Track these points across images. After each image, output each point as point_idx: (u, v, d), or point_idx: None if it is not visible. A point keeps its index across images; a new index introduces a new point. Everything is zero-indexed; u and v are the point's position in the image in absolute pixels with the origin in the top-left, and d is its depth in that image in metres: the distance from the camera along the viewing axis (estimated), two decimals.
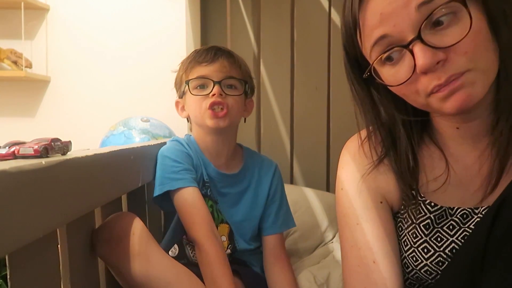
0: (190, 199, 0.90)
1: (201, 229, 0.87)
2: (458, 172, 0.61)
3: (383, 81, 0.57)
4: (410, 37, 0.51)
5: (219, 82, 0.95)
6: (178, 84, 1.03)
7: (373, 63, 0.56)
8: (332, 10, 1.75)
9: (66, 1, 1.84)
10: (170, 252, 0.99)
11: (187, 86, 0.97)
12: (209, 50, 0.98)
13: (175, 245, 1.00)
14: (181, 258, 0.98)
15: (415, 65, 0.51)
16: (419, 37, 0.50)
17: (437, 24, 0.50)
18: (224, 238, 0.99)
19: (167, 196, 0.93)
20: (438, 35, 0.50)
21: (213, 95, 0.94)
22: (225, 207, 1.01)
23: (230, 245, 1.00)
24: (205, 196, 0.97)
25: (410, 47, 0.51)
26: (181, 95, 1.02)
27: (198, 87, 0.97)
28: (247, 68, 1.04)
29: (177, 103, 1.05)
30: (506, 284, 0.45)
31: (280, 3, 1.80)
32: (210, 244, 0.86)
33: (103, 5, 1.82)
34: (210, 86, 0.95)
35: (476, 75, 0.50)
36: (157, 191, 0.93)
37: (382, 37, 0.53)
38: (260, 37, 1.83)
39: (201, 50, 1.00)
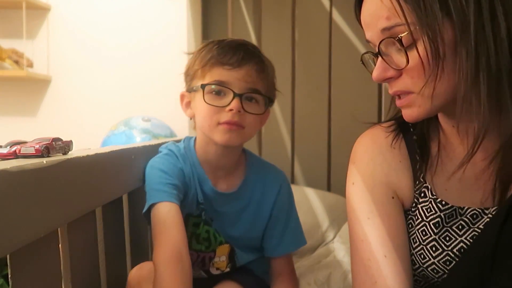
0: (163, 215, 0.77)
1: (165, 253, 0.73)
2: (467, 171, 0.61)
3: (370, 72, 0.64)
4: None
5: (240, 96, 0.79)
6: (189, 76, 0.86)
7: (362, 54, 0.63)
8: (333, 9, 1.75)
9: (67, 0, 1.84)
10: None
11: (201, 90, 0.81)
12: (237, 50, 0.81)
13: None
14: None
15: None
16: (379, 53, 0.57)
17: (401, 44, 0.54)
18: (223, 258, 0.91)
19: None
20: (398, 55, 0.55)
21: (230, 110, 0.79)
22: (222, 225, 0.90)
23: (229, 264, 0.92)
24: (198, 217, 0.88)
25: (378, 56, 0.58)
26: (190, 89, 0.86)
27: (214, 93, 0.80)
28: (274, 75, 0.89)
29: (182, 97, 0.88)
30: None
31: (281, 3, 1.80)
32: (169, 274, 0.71)
33: (104, 4, 1.82)
34: (228, 96, 0.79)
35: (420, 99, 0.56)
36: (145, 207, 0.81)
37: (367, 40, 0.60)
38: (261, 37, 1.83)
39: (226, 47, 0.82)
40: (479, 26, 0.50)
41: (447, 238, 0.62)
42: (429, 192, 0.64)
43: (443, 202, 0.62)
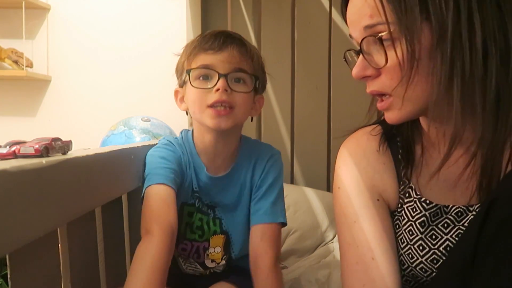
0: (159, 194, 0.79)
1: (155, 223, 0.75)
2: (450, 171, 0.61)
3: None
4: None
5: (225, 75, 0.80)
6: (179, 71, 0.89)
7: (346, 52, 0.64)
8: (333, 9, 1.75)
9: (67, 0, 1.84)
10: None
11: (187, 76, 0.84)
12: (217, 36, 0.83)
13: None
14: (174, 269, 0.92)
15: None
16: (360, 50, 0.57)
17: (381, 43, 0.55)
18: (218, 249, 0.91)
19: None
20: (379, 54, 0.56)
21: (217, 90, 0.80)
22: (225, 211, 0.91)
23: (225, 256, 0.92)
24: (192, 206, 0.89)
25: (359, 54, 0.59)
26: (182, 84, 0.89)
27: (201, 78, 0.83)
28: (261, 60, 0.90)
29: (176, 93, 0.91)
30: (496, 282, 0.46)
31: (280, 3, 1.80)
32: (161, 240, 0.73)
33: (104, 5, 1.82)
34: (214, 79, 0.81)
35: (400, 102, 0.56)
36: (143, 189, 0.82)
37: (351, 36, 0.61)
38: (261, 37, 1.83)
39: (208, 35, 0.85)
40: (456, 33, 0.51)
41: (433, 237, 0.63)
42: (413, 192, 0.65)
43: (427, 201, 0.63)
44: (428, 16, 0.51)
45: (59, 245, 0.63)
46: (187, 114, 0.91)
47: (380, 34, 0.54)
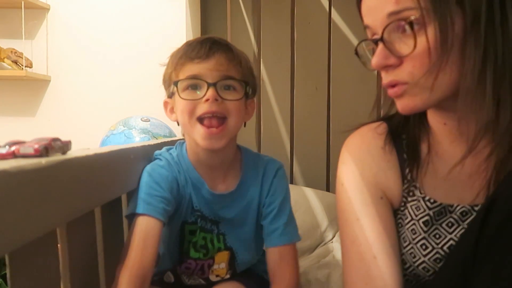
0: (142, 229, 0.76)
1: (131, 274, 0.74)
2: (455, 170, 0.61)
3: (363, 63, 0.63)
4: (380, 35, 0.56)
5: (214, 84, 0.77)
6: (166, 82, 0.87)
7: (359, 43, 0.62)
8: (333, 9, 1.75)
9: (66, 0, 1.84)
10: (165, 278, 0.92)
11: (175, 87, 0.81)
12: (203, 43, 0.80)
13: (170, 273, 0.91)
14: (178, 285, 0.91)
15: None
16: (381, 39, 0.55)
17: (404, 31, 0.54)
18: (223, 265, 0.88)
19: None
20: (401, 42, 0.55)
21: (207, 100, 0.77)
22: (230, 227, 0.88)
23: (229, 271, 0.90)
24: (194, 224, 0.86)
25: (378, 43, 0.57)
26: (170, 95, 0.86)
27: (190, 88, 0.80)
28: (249, 64, 0.86)
29: (165, 104, 0.88)
30: (496, 282, 0.46)
31: (280, 3, 1.80)
32: None
33: (104, 5, 1.82)
34: (203, 88, 0.78)
35: (417, 90, 0.55)
36: (130, 210, 0.80)
37: (367, 26, 0.59)
38: (260, 37, 1.83)
39: (194, 43, 0.82)
40: (490, 19, 0.51)
41: (437, 236, 0.62)
42: (418, 191, 0.64)
43: (432, 200, 0.63)
44: (461, 1, 0.51)
45: (59, 245, 0.63)
46: (178, 124, 0.87)
47: (411, 17, 0.52)
